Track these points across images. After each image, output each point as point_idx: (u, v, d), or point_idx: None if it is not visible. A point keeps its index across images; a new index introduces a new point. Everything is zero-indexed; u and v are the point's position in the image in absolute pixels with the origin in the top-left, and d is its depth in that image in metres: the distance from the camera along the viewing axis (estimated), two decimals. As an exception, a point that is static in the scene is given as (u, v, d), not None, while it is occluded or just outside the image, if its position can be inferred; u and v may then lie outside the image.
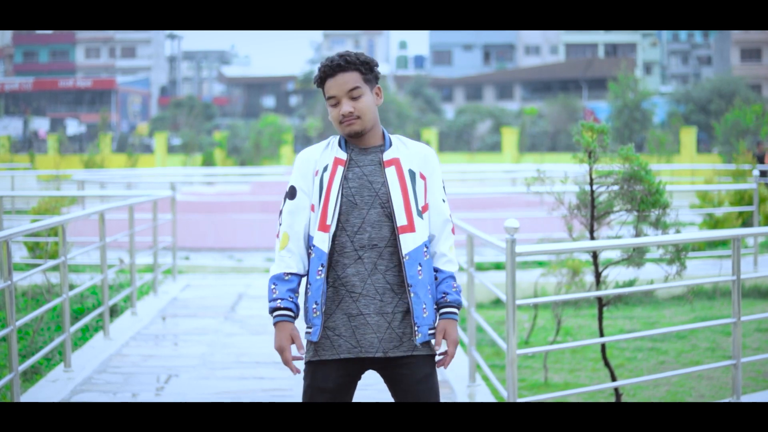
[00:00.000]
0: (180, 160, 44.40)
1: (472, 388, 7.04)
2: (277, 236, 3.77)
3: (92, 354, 8.22)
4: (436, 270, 3.81)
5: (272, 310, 3.72)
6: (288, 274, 3.72)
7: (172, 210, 12.38)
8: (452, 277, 3.80)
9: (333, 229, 3.67)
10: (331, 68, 3.71)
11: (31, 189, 24.84)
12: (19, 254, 13.33)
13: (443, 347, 3.84)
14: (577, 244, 6.69)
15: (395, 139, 3.82)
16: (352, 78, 3.71)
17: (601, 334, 6.54)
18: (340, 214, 3.69)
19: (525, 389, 7.48)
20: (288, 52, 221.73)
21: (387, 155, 3.75)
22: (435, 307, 3.78)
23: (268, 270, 14.10)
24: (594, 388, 6.20)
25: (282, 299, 3.70)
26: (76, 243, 15.02)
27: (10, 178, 22.89)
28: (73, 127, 66.49)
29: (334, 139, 3.82)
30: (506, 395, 5.72)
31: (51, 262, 7.49)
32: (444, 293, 3.77)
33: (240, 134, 52.24)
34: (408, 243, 3.68)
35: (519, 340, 8.93)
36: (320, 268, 3.67)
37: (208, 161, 42.64)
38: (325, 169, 3.73)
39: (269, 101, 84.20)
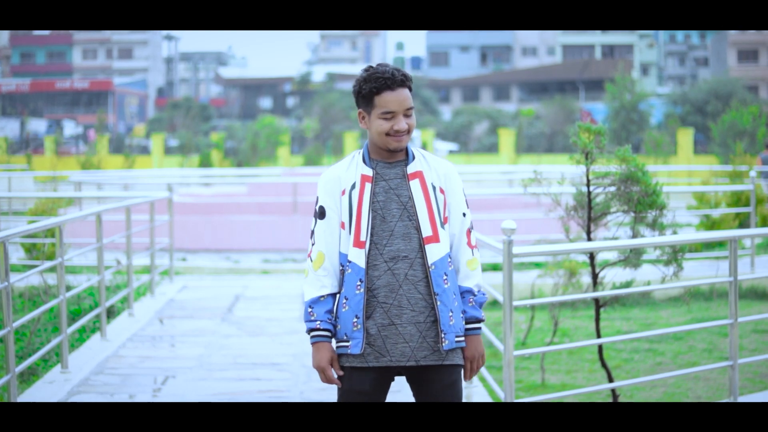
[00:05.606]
0: (177, 162, 44.39)
1: (469, 389, 7.04)
2: (309, 255, 3.83)
3: (89, 355, 8.22)
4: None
5: (310, 330, 3.80)
6: (323, 296, 3.79)
7: (169, 211, 12.37)
8: (469, 291, 3.85)
9: (368, 244, 3.74)
10: (393, 81, 3.73)
11: (28, 190, 24.81)
12: (16, 255, 13.32)
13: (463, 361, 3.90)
14: (574, 245, 6.69)
15: (417, 152, 3.86)
16: (408, 96, 3.77)
17: (598, 336, 6.54)
18: (371, 228, 3.75)
19: (522, 390, 7.48)
20: (285, 54, 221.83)
21: (411, 168, 3.81)
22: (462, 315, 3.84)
23: (265, 271, 14.11)
24: (591, 390, 6.20)
25: (321, 321, 3.78)
26: (73, 244, 15.01)
27: (7, 179, 22.86)
28: (70, 128, 66.43)
29: (357, 155, 3.86)
30: (503, 396, 5.72)
31: (48, 264, 7.49)
32: (462, 311, 3.84)
33: (237, 135, 52.25)
34: (433, 253, 3.75)
35: (516, 341, 8.93)
36: (359, 283, 3.75)
37: (205, 162, 42.64)
38: (353, 186, 3.78)
39: (266, 102, 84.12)
